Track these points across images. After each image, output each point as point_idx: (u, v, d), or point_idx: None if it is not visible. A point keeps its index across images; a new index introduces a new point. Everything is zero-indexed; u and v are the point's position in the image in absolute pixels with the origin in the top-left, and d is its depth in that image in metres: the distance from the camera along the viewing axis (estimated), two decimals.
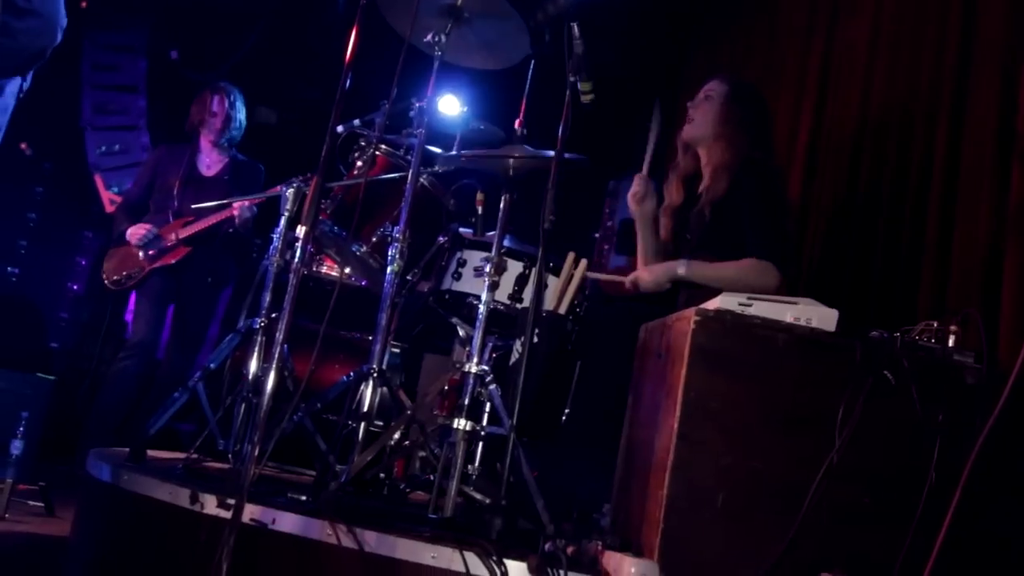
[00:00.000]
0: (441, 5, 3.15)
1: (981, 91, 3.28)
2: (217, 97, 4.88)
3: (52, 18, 2.46)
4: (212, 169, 4.90)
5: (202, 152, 4.92)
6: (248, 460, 2.23)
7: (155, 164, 4.95)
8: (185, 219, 4.62)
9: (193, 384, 3.19)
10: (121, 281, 4.62)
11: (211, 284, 4.77)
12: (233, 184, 4.80)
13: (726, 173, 3.24)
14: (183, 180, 4.75)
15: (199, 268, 4.67)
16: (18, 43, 2.42)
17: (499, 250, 2.95)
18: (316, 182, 2.38)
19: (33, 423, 4.93)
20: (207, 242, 4.63)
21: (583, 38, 2.90)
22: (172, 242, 4.58)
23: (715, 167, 3.30)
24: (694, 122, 3.40)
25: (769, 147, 3.43)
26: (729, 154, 3.27)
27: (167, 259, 4.59)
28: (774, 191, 3.25)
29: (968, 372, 2.42)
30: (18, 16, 2.38)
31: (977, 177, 3.18)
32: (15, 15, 2.37)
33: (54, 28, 2.48)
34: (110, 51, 6.95)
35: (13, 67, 2.52)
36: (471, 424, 2.81)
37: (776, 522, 2.27)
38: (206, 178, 4.86)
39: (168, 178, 4.79)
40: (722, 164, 3.27)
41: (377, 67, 3.17)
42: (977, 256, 3.09)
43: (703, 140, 3.39)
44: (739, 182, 3.21)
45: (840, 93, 4.22)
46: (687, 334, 2.36)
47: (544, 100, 3.37)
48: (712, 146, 3.35)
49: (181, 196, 4.70)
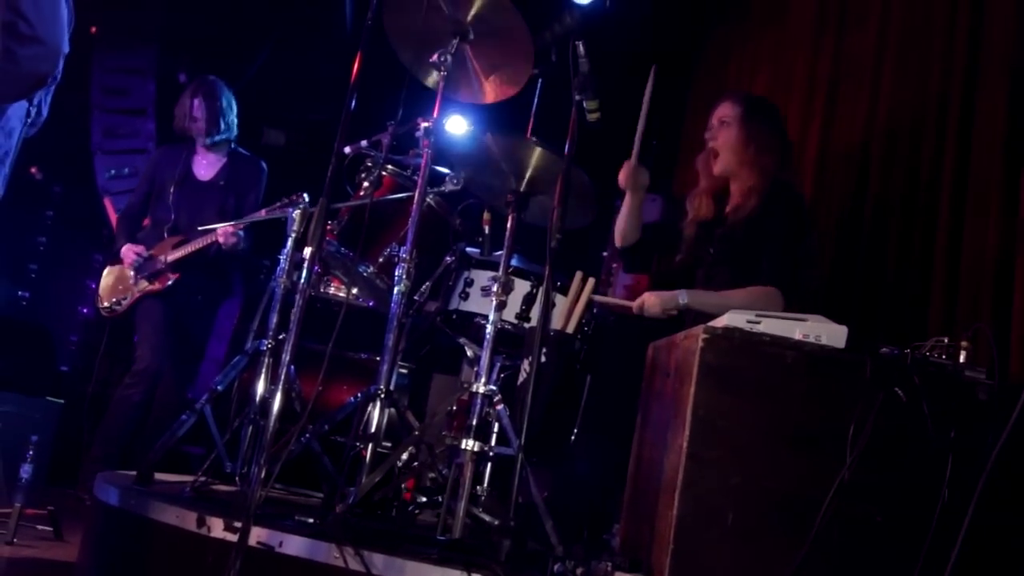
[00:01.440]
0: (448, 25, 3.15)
1: (989, 101, 3.27)
2: (196, 100, 4.78)
3: (55, 45, 2.46)
4: (208, 172, 4.82)
5: (198, 154, 4.84)
6: (254, 483, 2.22)
7: (152, 170, 4.88)
8: (177, 239, 4.59)
9: (200, 406, 3.18)
10: (112, 308, 4.60)
11: (206, 302, 4.74)
12: (229, 188, 4.73)
13: (757, 193, 3.26)
14: (178, 185, 4.69)
15: (190, 289, 4.63)
16: (21, 69, 2.43)
17: (506, 269, 2.94)
18: (322, 204, 2.38)
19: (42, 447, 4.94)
20: (196, 265, 4.58)
21: (588, 57, 2.91)
22: (161, 265, 4.54)
23: (746, 188, 3.31)
24: (719, 157, 3.40)
25: (791, 160, 3.44)
26: (757, 175, 3.30)
27: (155, 285, 4.56)
28: (798, 218, 3.27)
29: (980, 388, 2.39)
30: (21, 42, 2.39)
31: (985, 189, 3.17)
32: (18, 41, 2.39)
33: (57, 55, 2.49)
34: (119, 74, 6.99)
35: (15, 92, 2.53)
36: (479, 444, 2.79)
37: (787, 541, 2.25)
38: (201, 183, 4.78)
39: (164, 184, 4.73)
40: (753, 186, 3.29)
41: (386, 88, 3.18)
42: (987, 270, 3.07)
43: (732, 171, 3.38)
44: (769, 204, 3.22)
45: (848, 103, 4.22)
46: (695, 352, 2.34)
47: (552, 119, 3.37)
48: (739, 171, 3.35)
49: (177, 205, 4.66)
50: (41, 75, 2.47)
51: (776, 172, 3.27)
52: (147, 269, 4.56)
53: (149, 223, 4.75)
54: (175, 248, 4.53)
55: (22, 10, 2.39)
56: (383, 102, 3.28)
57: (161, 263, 4.53)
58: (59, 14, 2.50)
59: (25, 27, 2.39)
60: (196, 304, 4.68)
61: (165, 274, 4.54)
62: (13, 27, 2.35)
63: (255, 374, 3.26)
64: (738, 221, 3.26)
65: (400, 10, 3.12)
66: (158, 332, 4.55)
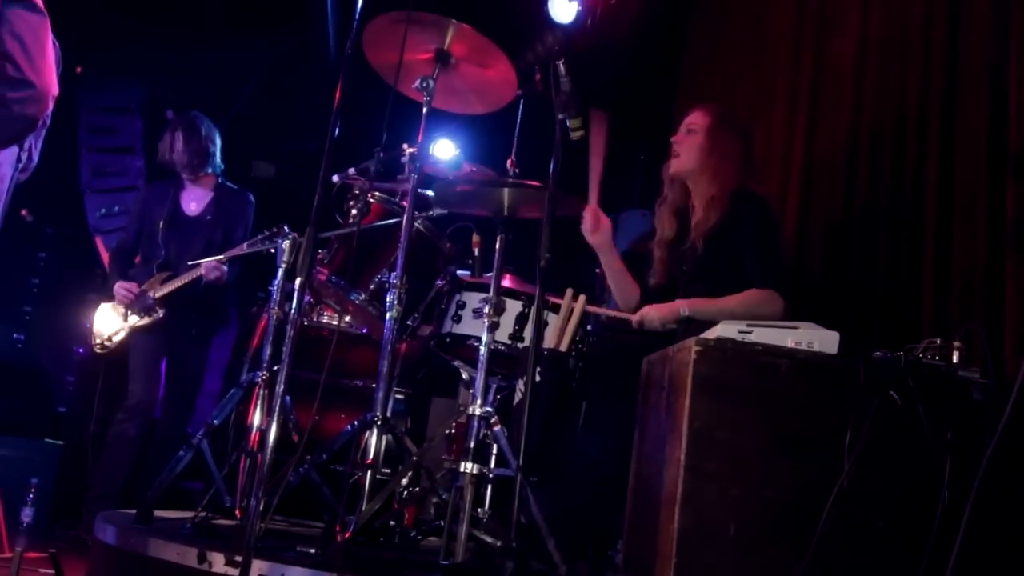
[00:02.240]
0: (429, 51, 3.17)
1: (970, 103, 3.28)
2: (176, 134, 4.79)
3: (44, 88, 2.48)
4: (197, 207, 4.82)
5: (186, 189, 4.85)
6: (253, 516, 2.21)
7: (142, 207, 4.89)
8: (165, 274, 4.60)
9: (197, 441, 3.17)
10: (105, 344, 4.61)
11: (199, 336, 4.74)
12: (216, 222, 4.74)
13: (717, 204, 3.25)
14: (167, 222, 4.70)
15: (182, 324, 4.63)
16: (11, 112, 2.44)
17: (497, 290, 2.94)
18: (309, 233, 2.39)
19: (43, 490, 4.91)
20: (186, 299, 4.57)
21: (570, 75, 2.92)
22: (151, 301, 4.54)
23: (705, 199, 3.31)
24: (679, 157, 3.40)
25: (755, 174, 3.44)
26: (717, 186, 3.28)
27: (146, 320, 4.56)
28: (769, 220, 3.26)
29: (974, 388, 2.40)
30: (11, 86, 2.41)
31: (972, 190, 3.18)
32: (9, 85, 2.40)
33: (46, 97, 2.50)
34: (106, 113, 7.01)
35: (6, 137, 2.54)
36: (478, 467, 2.79)
37: (789, 550, 2.24)
38: (189, 218, 4.78)
39: (154, 220, 4.74)
40: (712, 196, 3.28)
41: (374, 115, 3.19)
42: (977, 270, 3.07)
43: (689, 174, 3.39)
44: (732, 213, 3.21)
45: (831, 110, 4.23)
46: (689, 364, 2.34)
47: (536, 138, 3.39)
48: (699, 179, 3.36)
49: (166, 241, 4.66)
50: (31, 118, 2.49)
51: (736, 182, 3.27)
52: (139, 305, 4.56)
53: (140, 260, 4.76)
54: (163, 284, 4.55)
55: (10, 53, 2.40)
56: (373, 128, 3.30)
57: (151, 299, 4.53)
58: (47, 56, 2.52)
59: (14, 70, 2.40)
60: (189, 338, 4.67)
61: (155, 309, 4.55)
62: (2, 70, 2.37)
63: (251, 406, 3.25)
64: (699, 236, 3.26)
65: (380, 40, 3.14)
66: (149, 367, 4.56)
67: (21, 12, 2.44)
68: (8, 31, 2.41)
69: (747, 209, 3.21)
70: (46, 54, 2.52)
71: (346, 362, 4.12)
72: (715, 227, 3.22)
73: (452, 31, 3.12)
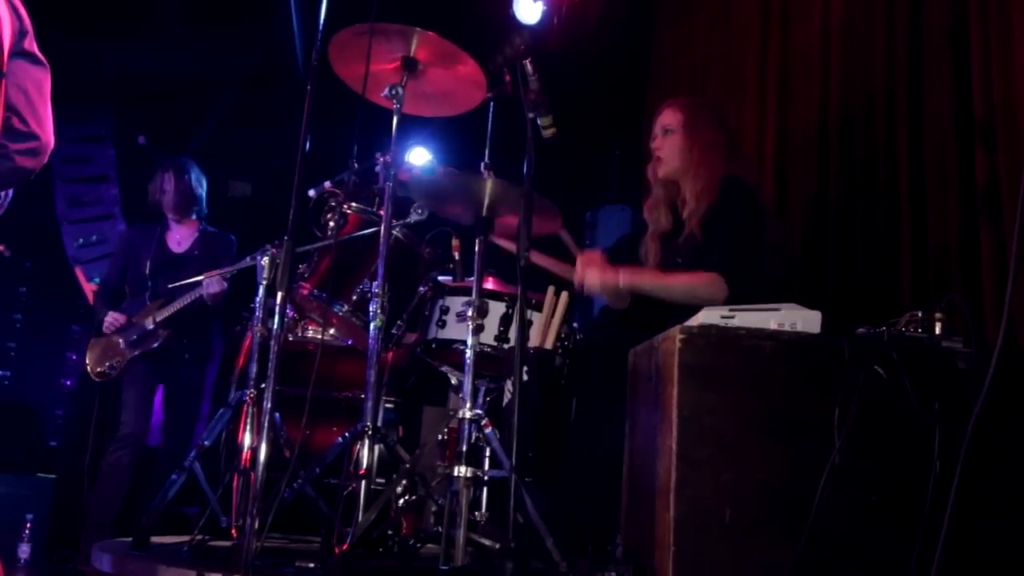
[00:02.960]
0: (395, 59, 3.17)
1: (935, 75, 3.31)
2: (167, 175, 4.87)
3: (48, 141, 2.49)
4: (182, 245, 4.88)
5: (171, 229, 4.90)
6: (249, 534, 2.20)
7: (127, 247, 4.94)
8: (161, 300, 4.61)
9: (189, 464, 3.16)
10: (106, 372, 4.60)
11: (194, 360, 4.74)
12: (204, 258, 4.77)
13: (708, 194, 3.28)
14: (154, 260, 4.73)
15: (180, 348, 4.65)
16: (13, 164, 2.44)
17: (479, 293, 2.95)
18: (287, 247, 2.38)
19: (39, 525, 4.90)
20: (185, 321, 4.60)
21: (537, 74, 2.93)
22: (151, 326, 4.56)
23: (696, 192, 3.33)
24: (663, 160, 3.43)
25: (738, 155, 3.47)
26: (706, 176, 3.31)
27: (148, 344, 4.57)
28: (750, 209, 3.28)
29: (958, 357, 2.42)
30: (15, 138, 2.41)
31: (942, 162, 3.20)
32: (13, 138, 2.41)
33: (47, 149, 2.51)
34: (78, 143, 6.98)
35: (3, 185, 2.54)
36: (472, 470, 2.78)
37: (786, 531, 2.26)
38: (177, 255, 4.84)
39: (140, 259, 4.77)
40: (703, 187, 3.30)
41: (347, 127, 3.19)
42: (952, 240, 3.10)
43: (677, 173, 3.41)
44: (721, 202, 3.24)
45: (801, 94, 4.26)
46: (674, 353, 2.35)
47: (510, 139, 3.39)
48: (687, 175, 3.38)
49: (154, 277, 4.68)
50: (30, 170, 2.50)
51: (724, 170, 3.30)
52: (135, 333, 4.57)
53: (128, 296, 4.77)
54: (161, 308, 4.56)
55: (15, 106, 2.41)
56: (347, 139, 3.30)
57: (150, 324, 4.54)
58: (49, 109, 2.53)
59: (19, 123, 2.41)
60: (184, 361, 4.68)
61: (156, 333, 4.55)
62: (7, 123, 2.37)
63: (240, 425, 3.24)
64: (695, 227, 3.28)
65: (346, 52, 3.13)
66: (142, 397, 4.57)
67: (25, 65, 2.45)
68: (13, 83, 2.41)
69: (732, 197, 3.24)
70: (47, 106, 2.53)
71: (333, 375, 4.11)
72: (708, 215, 3.24)
73: (417, 39, 3.12)
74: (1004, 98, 2.93)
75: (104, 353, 4.62)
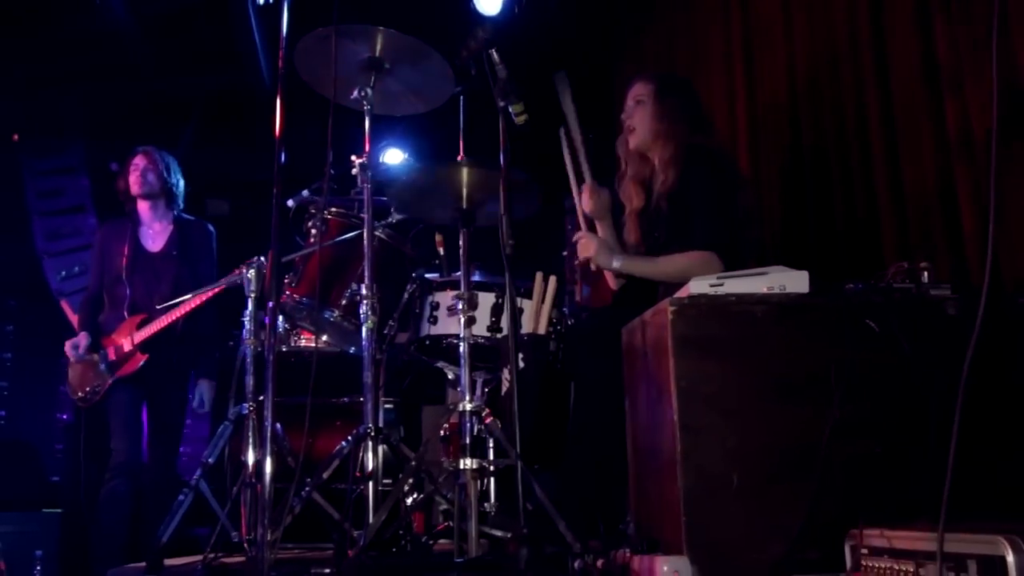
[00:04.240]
0: (361, 60, 3.17)
1: (898, 28, 3.33)
2: (137, 157, 4.71)
3: None
4: (157, 242, 4.70)
5: (143, 223, 4.73)
6: (263, 545, 2.21)
7: (100, 247, 4.76)
8: (139, 318, 4.48)
9: (195, 482, 3.15)
10: (87, 397, 4.49)
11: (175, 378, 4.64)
12: (182, 258, 4.64)
13: (673, 164, 3.27)
14: (130, 260, 4.58)
15: (159, 368, 4.50)
16: None
17: (467, 285, 2.95)
18: (271, 256, 2.38)
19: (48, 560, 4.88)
20: (163, 342, 4.47)
21: (504, 62, 2.93)
22: (129, 349, 4.47)
23: (663, 162, 3.33)
24: (634, 131, 3.43)
25: (707, 128, 3.46)
26: (672, 146, 3.30)
27: (127, 369, 4.44)
28: (720, 176, 3.27)
29: (948, 304, 2.44)
30: None
31: (912, 113, 3.22)
32: None
33: None
34: (51, 176, 6.93)
35: None
36: (477, 461, 2.79)
37: (794, 491, 2.27)
38: (152, 254, 4.67)
39: (114, 260, 4.62)
40: (668, 157, 3.30)
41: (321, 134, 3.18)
42: (930, 189, 3.12)
43: (646, 144, 3.41)
44: (686, 171, 3.23)
45: (767, 62, 4.28)
46: (667, 326, 2.36)
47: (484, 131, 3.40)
48: (655, 145, 3.38)
49: (131, 280, 4.55)
50: None
51: (690, 139, 3.30)
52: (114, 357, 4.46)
53: (107, 303, 4.63)
54: (140, 329, 4.44)
55: None
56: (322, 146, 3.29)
57: (127, 347, 4.44)
58: None
59: None
60: (167, 381, 4.57)
61: (135, 356, 4.45)
62: None
63: (243, 440, 3.23)
64: (662, 196, 3.28)
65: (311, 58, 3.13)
66: (130, 421, 4.44)
67: None
68: None
69: (696, 169, 3.22)
70: None
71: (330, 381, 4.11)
72: (674, 186, 3.24)
73: (380, 38, 3.11)
74: (967, 42, 2.95)
75: (84, 376, 4.49)
